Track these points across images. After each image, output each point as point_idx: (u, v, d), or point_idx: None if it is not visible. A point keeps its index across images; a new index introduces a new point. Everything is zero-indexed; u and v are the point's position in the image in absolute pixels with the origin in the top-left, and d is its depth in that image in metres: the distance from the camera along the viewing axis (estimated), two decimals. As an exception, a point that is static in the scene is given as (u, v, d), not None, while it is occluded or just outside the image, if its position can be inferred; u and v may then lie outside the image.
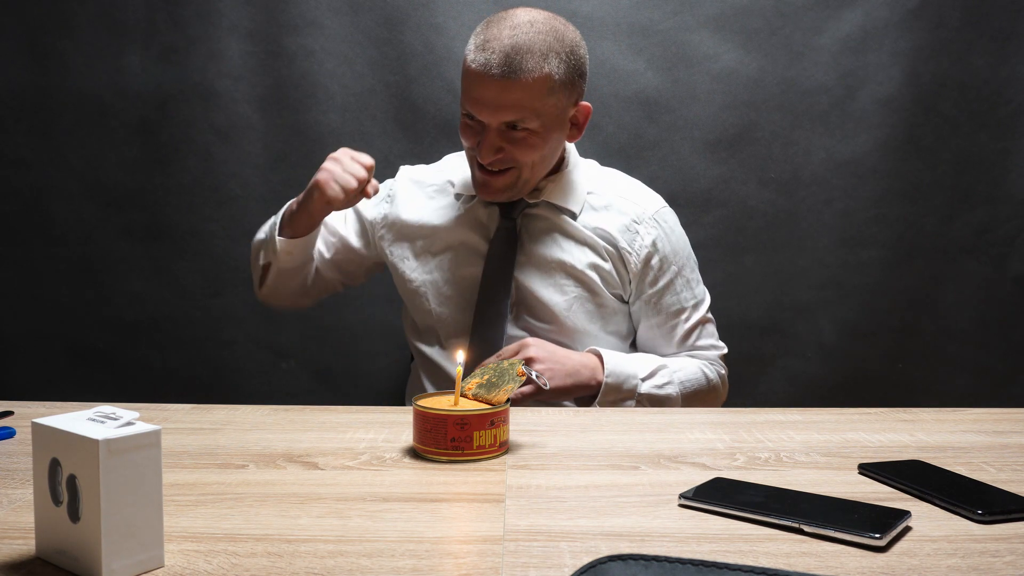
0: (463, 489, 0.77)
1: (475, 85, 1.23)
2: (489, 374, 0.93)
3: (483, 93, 1.22)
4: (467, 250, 1.36)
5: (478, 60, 1.21)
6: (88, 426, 0.57)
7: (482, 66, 1.21)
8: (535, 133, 1.25)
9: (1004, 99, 1.85)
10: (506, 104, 1.21)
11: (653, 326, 1.37)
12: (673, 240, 1.37)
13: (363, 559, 0.61)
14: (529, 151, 1.25)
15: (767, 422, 1.04)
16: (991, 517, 0.69)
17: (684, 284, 1.38)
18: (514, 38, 1.20)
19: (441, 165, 1.47)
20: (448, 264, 1.36)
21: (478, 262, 1.34)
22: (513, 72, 1.19)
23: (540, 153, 1.27)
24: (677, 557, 0.58)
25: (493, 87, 1.21)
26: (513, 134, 1.24)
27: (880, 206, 1.88)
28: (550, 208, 1.35)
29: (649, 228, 1.35)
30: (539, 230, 1.34)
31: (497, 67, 1.20)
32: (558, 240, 1.33)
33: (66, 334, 1.92)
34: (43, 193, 1.89)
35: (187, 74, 1.85)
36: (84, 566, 0.56)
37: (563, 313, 1.32)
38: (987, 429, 1.02)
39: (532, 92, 1.21)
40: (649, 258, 1.34)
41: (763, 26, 1.85)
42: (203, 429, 1.00)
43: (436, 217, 1.39)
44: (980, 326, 1.90)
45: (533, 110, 1.22)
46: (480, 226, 1.36)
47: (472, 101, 1.24)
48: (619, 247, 1.34)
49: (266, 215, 1.91)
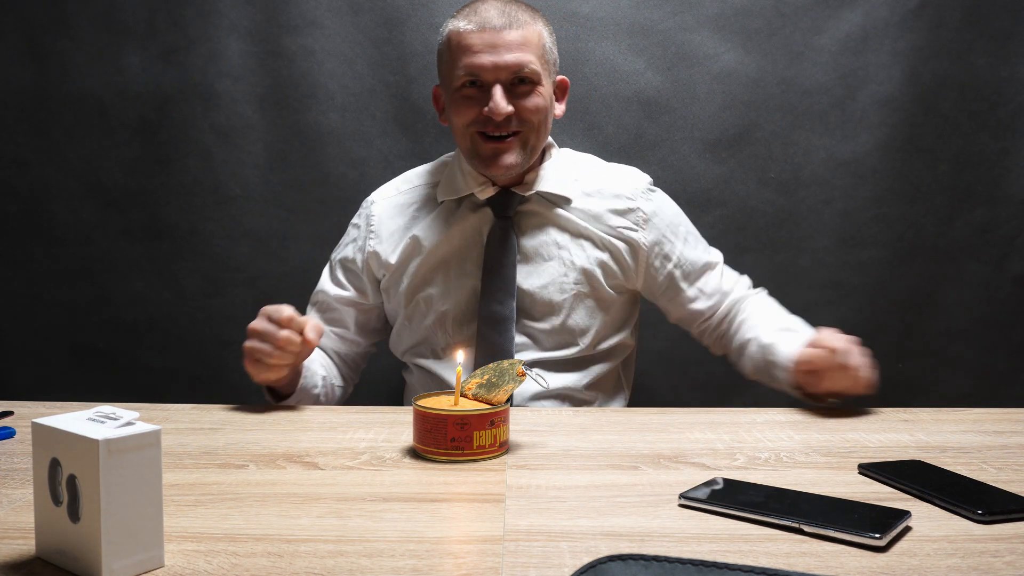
0: (463, 489, 0.77)
1: (475, 42, 1.24)
2: (489, 374, 0.93)
3: (487, 42, 1.23)
4: (463, 259, 1.33)
5: (473, 22, 1.25)
6: (88, 426, 0.57)
7: (479, 25, 1.24)
8: (539, 87, 1.27)
9: (1004, 99, 1.85)
10: (513, 46, 1.24)
11: (688, 288, 1.38)
12: (670, 205, 1.41)
13: (363, 559, 0.61)
14: (536, 106, 1.27)
15: (767, 422, 1.04)
16: (991, 517, 0.69)
17: (696, 239, 1.42)
18: (498, 5, 1.26)
19: (411, 179, 1.43)
20: (445, 278, 1.33)
21: (475, 271, 1.32)
22: (512, 21, 1.24)
23: (544, 112, 1.28)
24: (677, 557, 0.58)
25: (495, 37, 1.23)
26: (519, 89, 1.26)
27: (880, 206, 1.88)
28: (542, 202, 1.33)
29: (646, 201, 1.36)
30: (534, 226, 1.33)
31: (496, 19, 1.24)
32: (554, 236, 1.32)
33: (66, 334, 1.92)
34: (43, 193, 1.89)
35: (187, 74, 1.85)
36: (84, 566, 0.56)
37: (564, 312, 1.31)
38: (987, 429, 1.02)
39: (531, 40, 1.26)
40: (659, 226, 1.36)
41: (763, 26, 1.85)
42: (203, 429, 1.00)
43: (426, 233, 1.34)
44: (980, 326, 1.90)
45: (535, 61, 1.26)
46: (473, 231, 1.33)
47: (473, 58, 1.24)
48: (621, 230, 1.33)
49: (266, 215, 1.92)
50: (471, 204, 1.34)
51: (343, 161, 1.87)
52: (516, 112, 1.25)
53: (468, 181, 1.34)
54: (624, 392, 1.42)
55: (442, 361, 1.33)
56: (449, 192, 1.35)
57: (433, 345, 1.34)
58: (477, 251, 1.32)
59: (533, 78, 1.26)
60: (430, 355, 1.35)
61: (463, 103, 1.27)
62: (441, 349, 1.34)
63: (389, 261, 1.35)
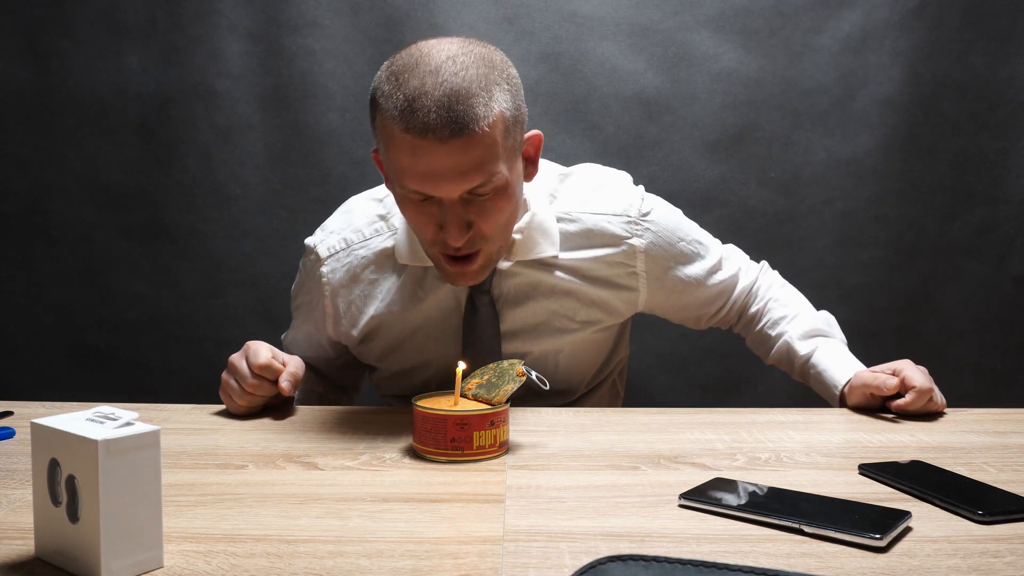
0: (463, 489, 0.77)
1: (419, 159, 0.94)
2: (489, 374, 0.93)
3: (434, 164, 0.94)
4: (439, 329, 1.17)
5: (413, 126, 0.93)
6: (87, 426, 0.57)
7: (420, 133, 0.93)
8: (501, 190, 1.00)
9: (1004, 99, 1.85)
10: (468, 167, 0.95)
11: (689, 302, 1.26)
12: (664, 228, 1.19)
13: (363, 559, 0.61)
14: (498, 216, 1.01)
15: (767, 422, 1.04)
16: (991, 517, 0.69)
17: (698, 247, 1.24)
18: (444, 85, 0.93)
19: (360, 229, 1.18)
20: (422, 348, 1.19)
21: (454, 341, 1.17)
22: (463, 127, 0.93)
23: (511, 211, 1.03)
24: (677, 557, 0.58)
25: (444, 154, 0.94)
26: (477, 200, 0.99)
27: (880, 206, 1.88)
28: (522, 268, 1.15)
29: (637, 238, 1.17)
30: (516, 294, 1.16)
31: (442, 127, 0.92)
32: (539, 299, 1.16)
33: (66, 334, 1.92)
34: (43, 193, 1.89)
35: (187, 74, 1.85)
36: (83, 566, 0.56)
37: (555, 370, 1.22)
38: (987, 429, 1.02)
39: (490, 143, 0.95)
40: (655, 267, 1.19)
41: (763, 26, 1.85)
42: (203, 429, 1.00)
43: (391, 309, 1.16)
44: (980, 326, 1.90)
45: (496, 164, 0.97)
46: (448, 299, 1.16)
47: (421, 178, 0.96)
48: (613, 282, 1.18)
49: (266, 215, 1.92)
50: None
51: (343, 161, 1.87)
52: (476, 229, 1.01)
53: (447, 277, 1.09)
54: (620, 397, 1.42)
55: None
56: (411, 259, 1.14)
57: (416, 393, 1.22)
58: (455, 321, 1.16)
59: (495, 184, 0.99)
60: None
61: (416, 212, 1.02)
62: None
63: (351, 334, 1.19)
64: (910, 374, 1.08)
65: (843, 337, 1.28)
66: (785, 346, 1.27)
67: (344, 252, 1.18)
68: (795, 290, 1.36)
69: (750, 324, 1.34)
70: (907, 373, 1.08)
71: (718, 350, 1.89)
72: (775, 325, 1.29)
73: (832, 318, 1.29)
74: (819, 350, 1.22)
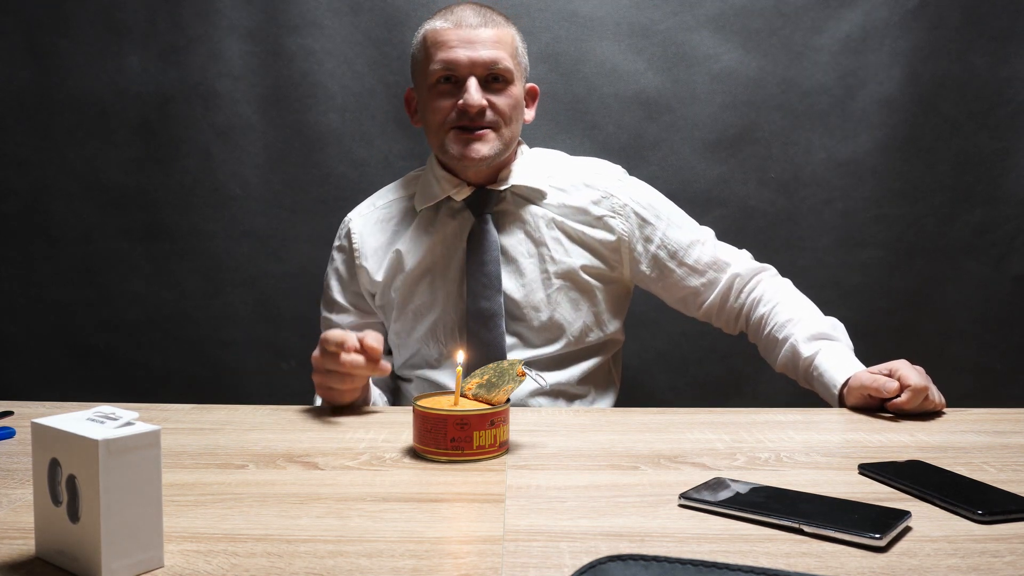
0: (463, 489, 0.77)
1: (451, 38, 1.27)
2: (489, 374, 0.93)
3: (462, 39, 1.27)
4: (446, 265, 1.34)
5: (449, 20, 1.29)
6: (88, 426, 0.57)
7: (455, 23, 1.28)
8: (511, 86, 1.30)
9: (1004, 99, 1.85)
10: (488, 43, 1.27)
11: (677, 267, 1.38)
12: (646, 190, 1.42)
13: (363, 559, 0.61)
14: (509, 103, 1.29)
15: (767, 422, 1.04)
16: (991, 517, 0.69)
17: (681, 218, 1.41)
18: (475, 7, 1.31)
19: (385, 195, 1.44)
20: (431, 287, 1.34)
21: (460, 275, 1.33)
22: (488, 21, 1.29)
23: (516, 109, 1.32)
24: (677, 557, 0.58)
25: (471, 33, 1.27)
26: (493, 86, 1.29)
27: (880, 206, 1.88)
28: (517, 200, 1.35)
29: (623, 189, 1.38)
30: (511, 224, 1.34)
31: (472, 18, 1.28)
32: (531, 233, 1.34)
33: (66, 334, 1.92)
34: (43, 193, 1.89)
35: (187, 74, 1.85)
36: (84, 566, 0.56)
37: (547, 308, 1.32)
38: (987, 429, 1.02)
39: (505, 40, 1.30)
40: (636, 211, 1.36)
41: (763, 26, 1.85)
42: (203, 429, 1.00)
43: (408, 246, 1.35)
44: (980, 326, 1.90)
45: (511, 61, 1.29)
46: (454, 236, 1.34)
47: (448, 53, 1.27)
48: (598, 221, 1.35)
49: (266, 215, 1.92)
50: (449, 210, 1.35)
51: (343, 161, 1.87)
52: (490, 106, 1.28)
53: (443, 185, 1.35)
54: (615, 386, 1.43)
55: (439, 369, 1.34)
56: (426, 199, 1.36)
57: (427, 356, 1.35)
58: (460, 254, 1.33)
59: (506, 76, 1.29)
60: (426, 365, 1.35)
61: (438, 98, 1.29)
62: (435, 359, 1.34)
63: (376, 279, 1.37)
64: (905, 373, 1.09)
65: (850, 343, 1.28)
66: (791, 349, 1.27)
67: (369, 210, 1.42)
68: (805, 297, 1.37)
69: (758, 328, 1.36)
70: (903, 372, 1.09)
71: (718, 350, 1.89)
72: (782, 328, 1.31)
73: (840, 324, 1.30)
74: (822, 352, 1.23)
